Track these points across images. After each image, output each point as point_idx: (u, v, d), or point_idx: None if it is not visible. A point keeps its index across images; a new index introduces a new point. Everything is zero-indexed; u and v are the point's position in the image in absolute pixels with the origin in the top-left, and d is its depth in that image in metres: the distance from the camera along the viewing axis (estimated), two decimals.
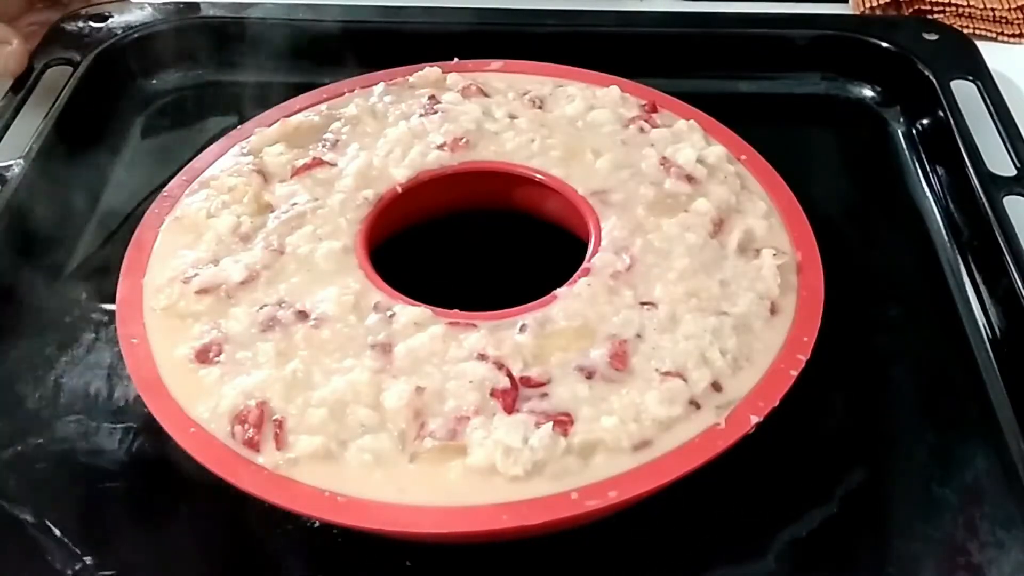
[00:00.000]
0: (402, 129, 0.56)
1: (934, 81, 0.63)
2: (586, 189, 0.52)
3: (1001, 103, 0.61)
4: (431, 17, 0.69)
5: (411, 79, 0.60)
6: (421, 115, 0.57)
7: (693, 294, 0.46)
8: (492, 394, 0.42)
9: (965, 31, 0.70)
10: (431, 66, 0.60)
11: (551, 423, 0.41)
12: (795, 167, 0.55)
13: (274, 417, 0.42)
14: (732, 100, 0.67)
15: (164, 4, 0.69)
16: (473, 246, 0.56)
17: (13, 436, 0.47)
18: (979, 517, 0.45)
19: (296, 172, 0.53)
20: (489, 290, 0.48)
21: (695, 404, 0.42)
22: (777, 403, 0.43)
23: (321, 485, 0.40)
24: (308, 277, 0.48)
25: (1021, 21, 0.72)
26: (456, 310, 0.46)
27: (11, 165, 0.56)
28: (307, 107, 0.59)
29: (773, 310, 0.47)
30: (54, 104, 0.61)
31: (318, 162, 0.54)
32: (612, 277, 0.47)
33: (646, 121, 0.56)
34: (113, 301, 0.48)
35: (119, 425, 0.48)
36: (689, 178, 0.52)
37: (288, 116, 0.57)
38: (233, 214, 0.51)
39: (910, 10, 0.74)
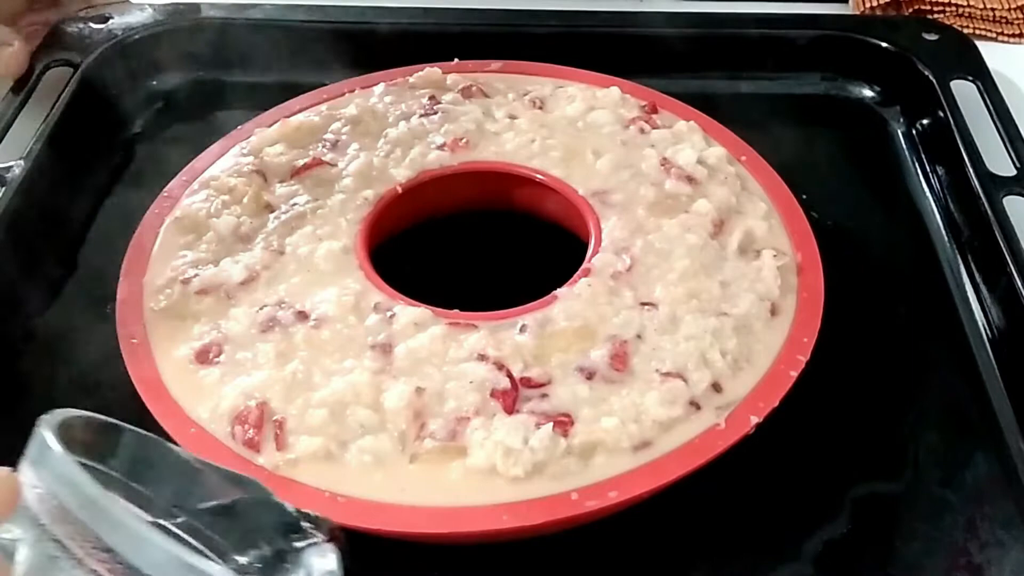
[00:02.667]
0: (402, 129, 0.56)
1: (934, 81, 0.63)
2: (586, 189, 0.52)
3: (1001, 103, 0.61)
4: (431, 17, 0.69)
5: (411, 79, 0.60)
6: (421, 115, 0.57)
7: (693, 295, 0.46)
8: (492, 395, 0.42)
9: (965, 31, 0.70)
10: (431, 66, 0.60)
11: (551, 424, 0.41)
12: (795, 167, 0.55)
13: (274, 418, 0.42)
14: (732, 100, 0.67)
15: (164, 5, 0.69)
16: (473, 246, 0.56)
17: None
18: (979, 517, 0.45)
19: (296, 172, 0.53)
20: (489, 290, 0.48)
21: (695, 405, 0.43)
22: (777, 404, 0.43)
23: (321, 486, 0.40)
24: (308, 277, 0.48)
25: (1021, 21, 0.72)
26: (456, 310, 0.46)
27: (11, 166, 0.56)
28: (307, 107, 0.59)
29: (773, 311, 0.47)
30: (55, 105, 0.61)
31: (318, 162, 0.54)
32: (612, 277, 0.47)
33: (646, 122, 0.56)
34: (113, 301, 0.48)
35: None
36: (689, 179, 0.52)
37: (288, 116, 0.57)
38: (233, 214, 0.51)
39: (910, 10, 0.74)
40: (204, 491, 0.34)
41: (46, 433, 0.27)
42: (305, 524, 0.34)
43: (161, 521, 0.33)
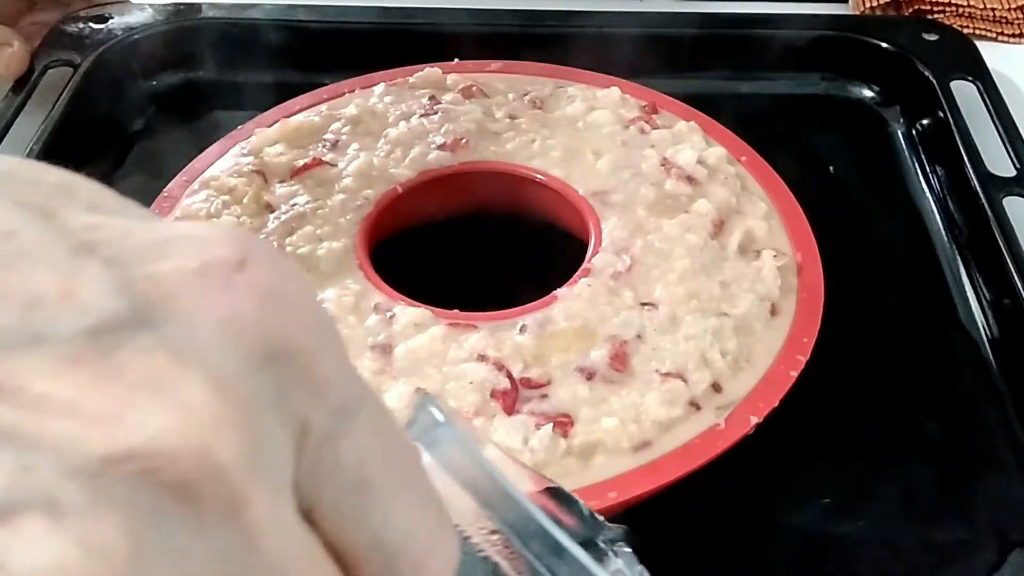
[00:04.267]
0: (402, 129, 0.56)
1: (934, 81, 0.63)
2: (586, 190, 0.53)
3: (1001, 103, 0.61)
4: (431, 17, 0.69)
5: (411, 79, 0.60)
6: (421, 115, 0.57)
7: (693, 295, 0.46)
8: (492, 395, 0.42)
9: (965, 31, 0.70)
10: (431, 66, 0.60)
11: (551, 424, 0.41)
12: (795, 167, 0.55)
13: None
14: (732, 100, 0.67)
15: (164, 5, 0.69)
16: (473, 246, 0.56)
17: None
18: (979, 517, 0.45)
19: (296, 172, 0.53)
20: (489, 290, 0.48)
21: (695, 405, 0.42)
22: (777, 404, 0.43)
23: None
24: (308, 278, 0.48)
25: (1021, 21, 0.72)
26: (456, 311, 0.46)
27: None
28: (307, 107, 0.59)
29: (773, 311, 0.47)
30: (55, 105, 0.61)
31: (318, 162, 0.54)
32: (612, 278, 0.47)
33: (646, 122, 0.56)
34: None
35: None
36: (689, 179, 0.52)
37: (288, 116, 0.57)
38: (233, 215, 0.51)
39: (910, 10, 0.73)
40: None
41: (435, 410, 0.26)
42: (605, 540, 0.33)
43: None
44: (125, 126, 0.65)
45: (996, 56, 0.66)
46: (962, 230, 0.57)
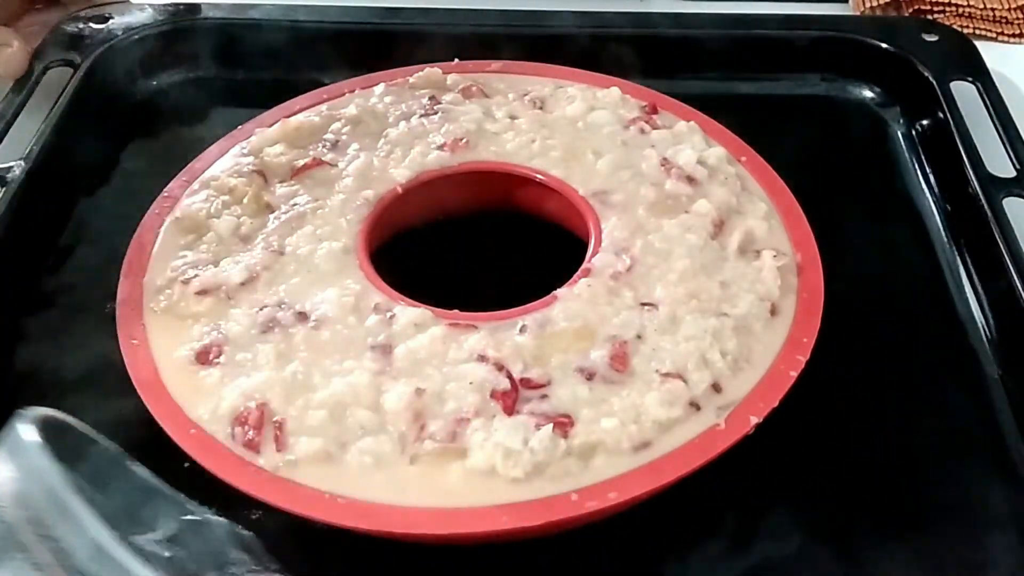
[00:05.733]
0: (402, 129, 0.56)
1: (934, 82, 0.63)
2: (586, 190, 0.53)
3: (1001, 104, 0.61)
4: (431, 17, 0.69)
5: (411, 79, 0.60)
6: (421, 115, 0.57)
7: (693, 295, 0.46)
8: (492, 396, 0.42)
9: (965, 31, 0.70)
10: (431, 66, 0.60)
11: (551, 425, 0.41)
12: (795, 168, 0.55)
13: (274, 419, 0.42)
14: (732, 101, 0.67)
15: (164, 5, 0.69)
16: (473, 246, 0.56)
17: None
18: (978, 517, 0.45)
19: (296, 172, 0.53)
20: (489, 290, 0.48)
21: (695, 405, 0.43)
22: (777, 404, 0.43)
23: (321, 487, 0.40)
24: (308, 278, 0.48)
25: (1021, 21, 0.72)
26: (456, 311, 0.46)
27: (12, 167, 0.56)
28: (307, 107, 0.59)
29: (773, 311, 0.47)
30: (55, 105, 0.61)
31: (318, 162, 0.54)
32: (612, 278, 0.47)
33: (646, 122, 0.56)
34: (113, 301, 0.48)
35: None
36: (689, 179, 0.52)
37: (288, 116, 0.57)
38: (233, 215, 0.51)
39: (910, 10, 0.74)
40: (156, 516, 0.34)
41: (22, 425, 0.27)
42: (246, 557, 0.34)
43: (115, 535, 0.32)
44: (125, 126, 0.65)
45: (996, 56, 0.66)
46: (962, 230, 0.57)
